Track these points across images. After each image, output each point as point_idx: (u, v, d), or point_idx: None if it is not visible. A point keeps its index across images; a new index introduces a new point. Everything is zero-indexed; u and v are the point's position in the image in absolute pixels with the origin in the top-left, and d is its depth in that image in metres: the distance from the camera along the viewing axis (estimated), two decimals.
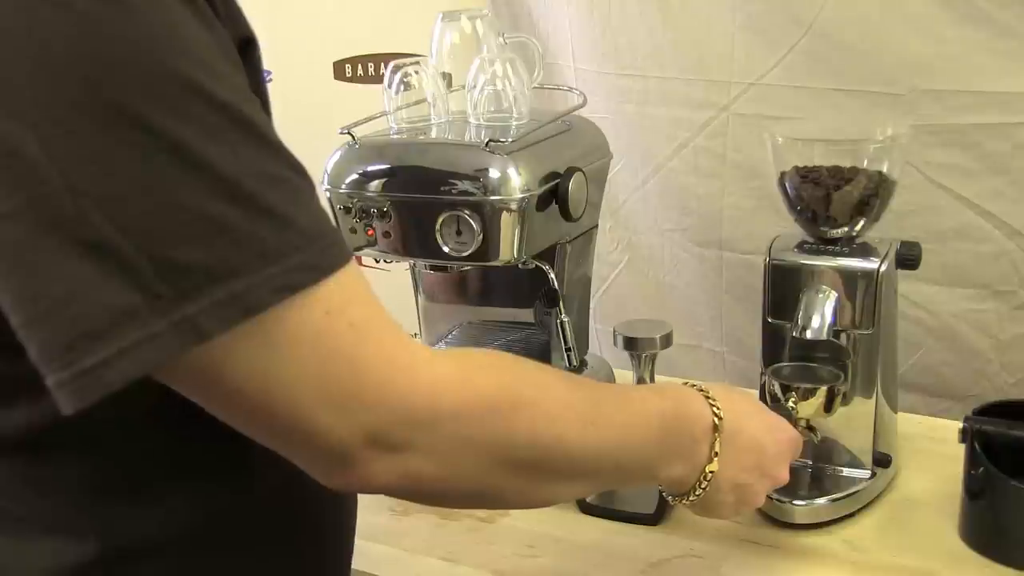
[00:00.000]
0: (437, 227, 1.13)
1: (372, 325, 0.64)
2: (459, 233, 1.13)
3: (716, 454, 0.85)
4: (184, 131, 0.57)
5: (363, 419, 0.63)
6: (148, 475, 0.72)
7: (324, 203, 1.03)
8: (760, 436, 0.91)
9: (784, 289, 1.15)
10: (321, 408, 0.62)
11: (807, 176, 1.14)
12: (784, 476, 0.94)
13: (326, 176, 1.18)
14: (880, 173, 1.14)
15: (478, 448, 0.68)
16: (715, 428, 0.85)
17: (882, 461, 1.18)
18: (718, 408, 0.86)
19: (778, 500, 1.12)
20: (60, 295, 0.56)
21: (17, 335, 0.58)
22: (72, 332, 0.56)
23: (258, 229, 0.59)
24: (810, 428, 1.12)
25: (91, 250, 0.56)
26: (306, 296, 0.60)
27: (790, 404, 1.09)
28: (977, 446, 1.07)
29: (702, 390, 0.88)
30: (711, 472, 0.85)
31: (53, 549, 0.70)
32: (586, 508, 1.19)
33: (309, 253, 0.61)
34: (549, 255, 1.22)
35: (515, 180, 1.11)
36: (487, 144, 1.11)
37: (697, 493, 0.86)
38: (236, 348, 0.59)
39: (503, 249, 1.13)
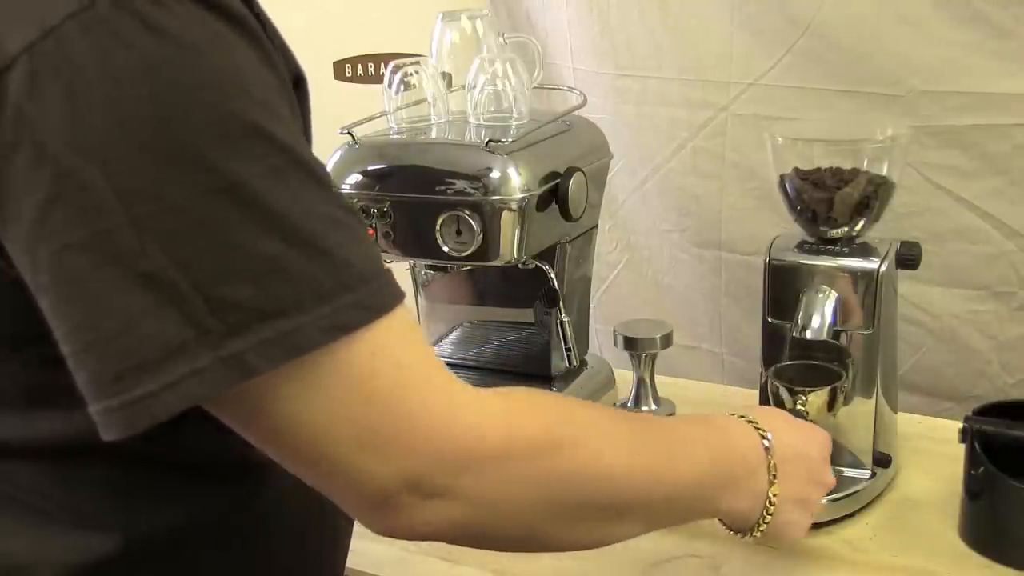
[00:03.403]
0: (437, 227, 1.13)
1: (416, 368, 0.64)
2: (459, 233, 1.13)
3: (774, 476, 0.85)
4: (245, 171, 0.59)
5: (402, 465, 0.63)
6: (172, 474, 0.73)
7: None
8: (803, 446, 0.90)
9: (784, 289, 1.15)
10: (361, 452, 0.62)
11: (807, 178, 1.14)
12: (832, 479, 0.94)
13: None
14: (880, 174, 1.14)
15: (523, 492, 0.67)
16: (767, 451, 0.85)
17: (882, 461, 1.18)
18: (763, 430, 0.86)
19: None
20: (115, 326, 0.58)
21: (67, 361, 0.59)
22: (123, 363, 0.58)
23: (313, 269, 0.60)
24: None
25: (148, 283, 0.57)
26: (354, 337, 0.61)
27: (799, 406, 1.09)
28: (977, 446, 1.07)
29: (743, 416, 0.87)
30: (775, 495, 0.85)
31: (79, 543, 0.72)
32: None
33: (361, 293, 0.61)
34: (549, 255, 1.22)
35: (515, 180, 1.11)
36: (487, 144, 1.11)
37: (766, 520, 0.85)
38: (280, 386, 0.60)
39: (503, 249, 1.13)
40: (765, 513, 0.85)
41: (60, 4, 0.57)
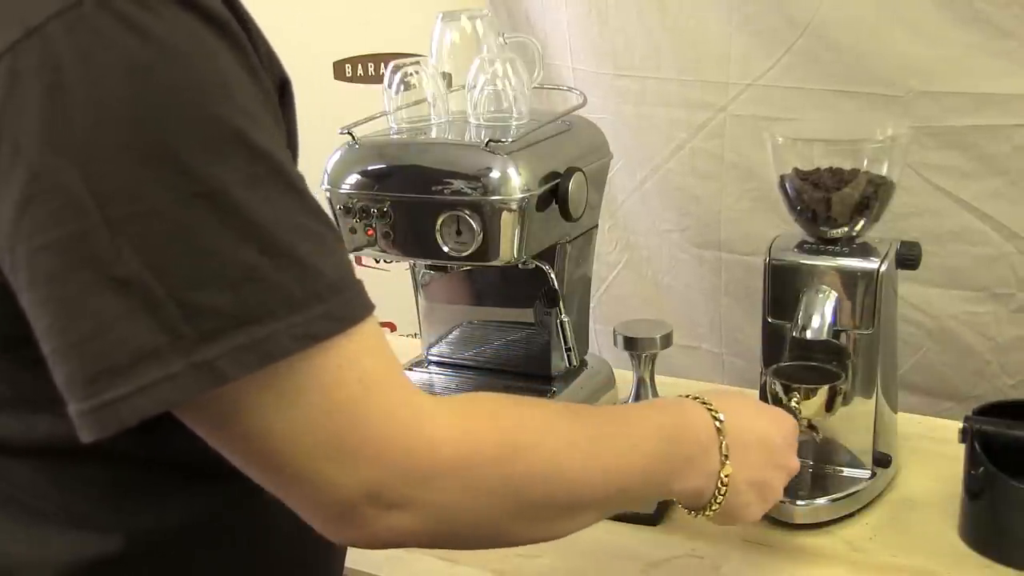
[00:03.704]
0: (437, 227, 1.13)
1: (381, 379, 0.64)
2: (459, 233, 1.12)
3: (726, 457, 0.85)
4: (223, 177, 0.59)
5: (364, 476, 0.63)
6: (169, 474, 0.74)
7: (324, 203, 1.03)
8: (764, 430, 0.91)
9: (784, 289, 1.15)
10: (324, 461, 0.62)
11: (807, 178, 1.14)
12: (796, 464, 0.94)
13: (326, 176, 1.18)
14: (880, 174, 1.14)
15: (481, 498, 0.68)
16: (719, 431, 0.85)
17: (882, 461, 1.18)
18: (715, 411, 0.86)
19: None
20: (88, 328, 0.58)
21: (47, 360, 0.59)
22: (96, 366, 0.58)
23: (286, 278, 0.60)
24: (811, 427, 1.12)
25: (121, 287, 0.57)
26: (324, 347, 0.61)
27: (793, 403, 1.09)
28: (977, 446, 1.07)
29: (697, 397, 0.88)
30: (726, 476, 0.85)
31: (76, 543, 0.72)
32: None
33: (333, 304, 0.62)
34: (549, 255, 1.22)
35: (515, 180, 1.11)
36: (487, 144, 1.11)
37: (718, 501, 0.86)
38: (249, 393, 0.60)
39: (503, 249, 1.13)
40: (717, 493, 0.85)
41: (44, 4, 0.57)
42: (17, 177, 0.57)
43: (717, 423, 0.85)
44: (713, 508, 0.86)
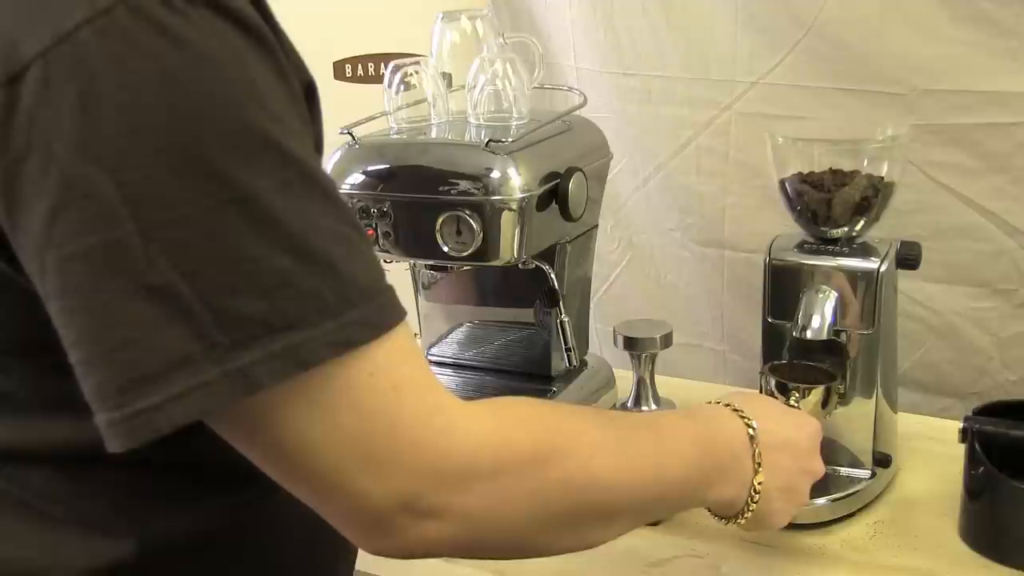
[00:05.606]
0: (437, 227, 1.13)
1: (413, 386, 0.64)
2: (459, 233, 1.13)
3: (759, 465, 0.85)
4: (256, 183, 0.58)
5: (398, 485, 0.63)
6: (184, 480, 0.73)
7: None
8: (791, 434, 0.91)
9: (784, 289, 1.15)
10: (357, 470, 0.62)
11: (807, 179, 1.14)
12: (821, 467, 0.94)
13: None
14: (880, 174, 1.14)
15: (515, 506, 0.67)
16: (752, 439, 0.85)
17: (882, 461, 1.18)
18: (748, 418, 0.86)
19: None
20: (120, 337, 0.57)
21: (75, 370, 0.59)
22: (128, 375, 0.57)
23: (319, 284, 0.60)
24: None
25: (154, 294, 0.57)
26: (356, 354, 0.61)
27: (791, 403, 1.09)
28: (977, 446, 1.07)
29: (728, 404, 0.87)
30: (759, 484, 0.85)
31: (90, 549, 0.71)
32: None
33: (366, 310, 0.61)
34: (549, 255, 1.22)
35: (515, 180, 1.11)
36: (487, 144, 1.12)
37: (751, 509, 0.86)
38: (282, 401, 0.60)
39: (503, 249, 1.13)
40: (750, 501, 0.85)
41: (76, 10, 0.57)
42: (49, 184, 0.57)
43: (750, 431, 0.85)
44: (746, 516, 0.86)
